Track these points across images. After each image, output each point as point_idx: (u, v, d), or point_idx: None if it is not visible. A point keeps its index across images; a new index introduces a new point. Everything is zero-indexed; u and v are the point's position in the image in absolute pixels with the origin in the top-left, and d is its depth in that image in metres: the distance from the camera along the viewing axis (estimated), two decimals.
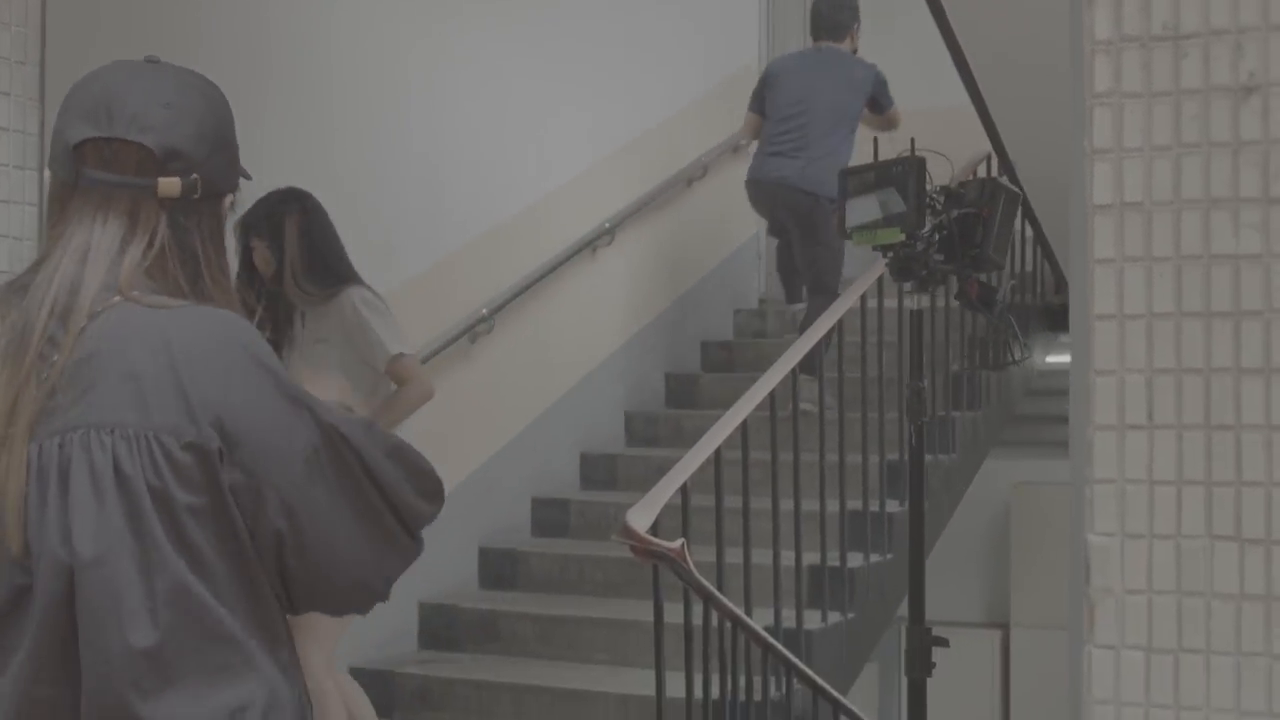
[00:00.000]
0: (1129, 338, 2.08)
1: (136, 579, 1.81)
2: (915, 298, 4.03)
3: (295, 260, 4.70)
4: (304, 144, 5.75)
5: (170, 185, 1.94)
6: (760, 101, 7.26)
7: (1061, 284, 7.22)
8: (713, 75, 8.35)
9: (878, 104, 7.19)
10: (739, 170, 8.46)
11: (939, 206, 4.00)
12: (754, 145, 7.44)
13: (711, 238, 8.36)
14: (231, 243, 4.35)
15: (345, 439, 1.91)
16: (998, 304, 4.15)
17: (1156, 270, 2.07)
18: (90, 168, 1.94)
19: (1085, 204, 2.10)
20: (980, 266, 4.02)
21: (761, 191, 7.13)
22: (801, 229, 6.94)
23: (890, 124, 7.12)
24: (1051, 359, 7.63)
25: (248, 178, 2.09)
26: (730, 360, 8.08)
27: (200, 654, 1.83)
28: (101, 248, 1.91)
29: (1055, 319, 7.11)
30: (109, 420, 1.83)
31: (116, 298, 1.89)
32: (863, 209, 4.05)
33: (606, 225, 7.28)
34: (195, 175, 1.95)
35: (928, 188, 3.96)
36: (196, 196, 1.96)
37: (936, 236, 3.99)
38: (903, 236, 3.93)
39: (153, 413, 1.83)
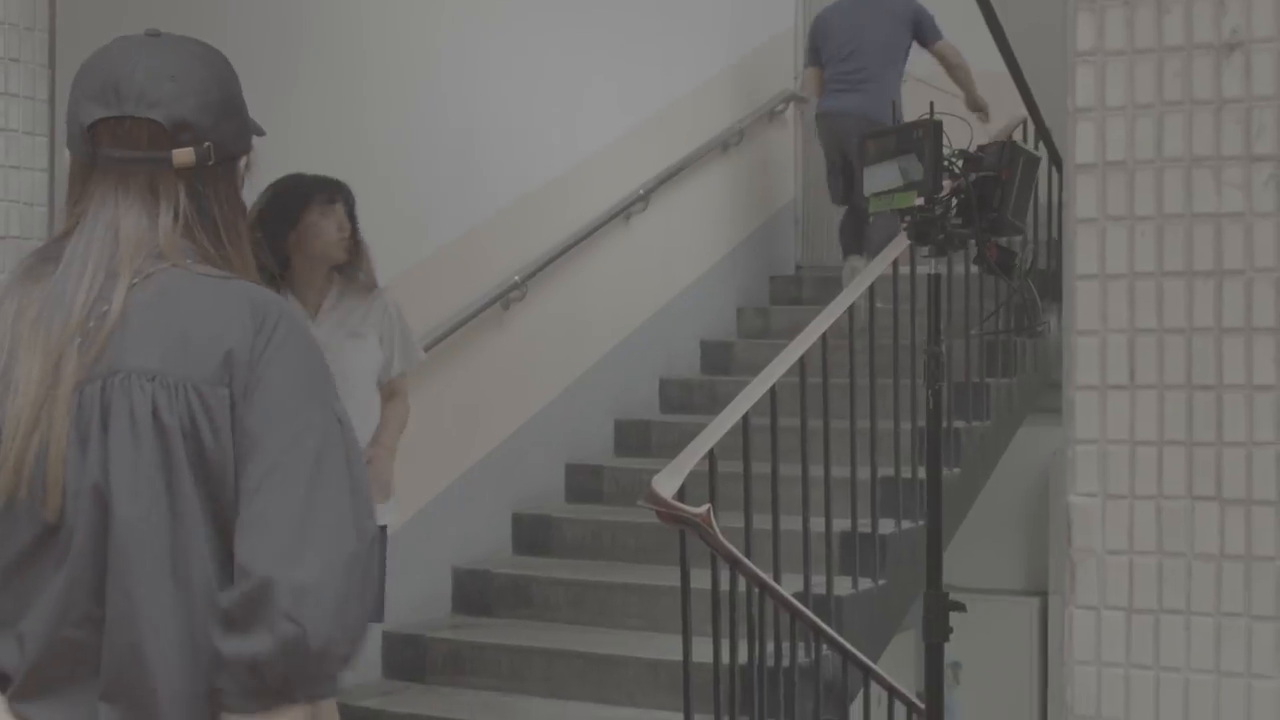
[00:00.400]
0: (1111, 298, 2.07)
1: (163, 528, 1.85)
2: (935, 262, 4.00)
3: (363, 245, 4.68)
4: (336, 114, 5.78)
5: (184, 156, 1.98)
6: (815, 54, 7.50)
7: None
8: (748, 41, 8.32)
9: (924, 35, 7.28)
10: (775, 136, 8.45)
11: (957, 170, 3.98)
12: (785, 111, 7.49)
13: (747, 204, 8.35)
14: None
15: (343, 425, 1.93)
16: (1017, 268, 4.12)
17: (1139, 229, 2.05)
18: (106, 147, 1.99)
19: (1068, 164, 2.09)
20: (999, 230, 3.99)
21: (827, 124, 7.37)
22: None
23: (950, 64, 7.30)
24: None
25: (260, 133, 2.13)
26: (766, 326, 8.08)
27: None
28: (129, 219, 1.97)
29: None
30: (151, 368, 1.88)
31: (164, 264, 1.95)
32: (883, 174, 4.03)
33: (641, 192, 7.28)
34: (207, 143, 1.99)
35: (946, 151, 3.93)
36: (211, 163, 2.00)
37: (954, 201, 3.96)
38: (919, 201, 3.90)
39: (193, 364, 1.88)
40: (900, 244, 5.98)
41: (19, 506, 1.89)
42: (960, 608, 4.04)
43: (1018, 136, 6.61)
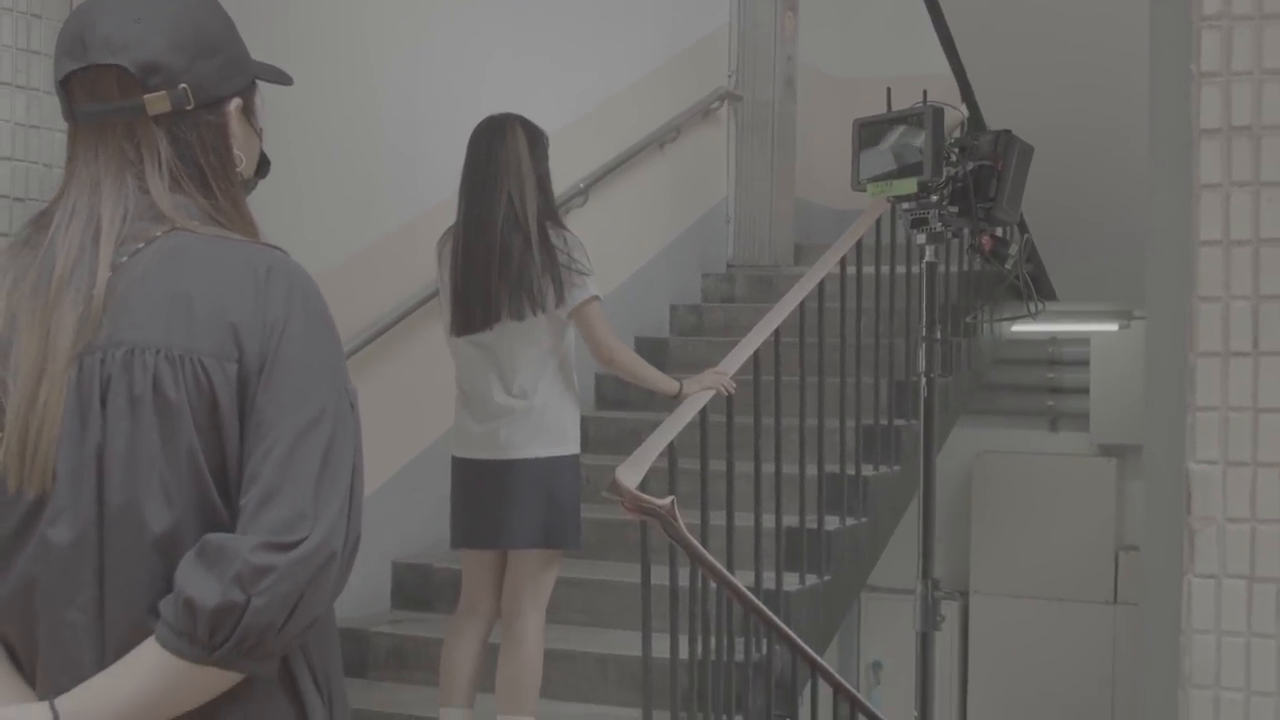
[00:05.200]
0: (1234, 264, 2.06)
1: (156, 514, 1.78)
2: (931, 250, 4.00)
3: None
4: (285, 97, 5.64)
5: (158, 100, 1.89)
6: None
7: (1032, 254, 7.23)
8: (684, 38, 8.31)
9: None
10: (709, 134, 8.48)
11: (953, 158, 3.98)
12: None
13: (681, 201, 8.33)
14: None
15: (353, 407, 1.87)
16: (1011, 258, 4.14)
17: (1264, 195, 2.04)
18: (80, 102, 1.91)
19: (1192, 128, 2.07)
20: (993, 221, 3.99)
21: None
22: None
23: None
24: (1017, 328, 7.67)
25: (283, 81, 2.07)
26: (699, 323, 8.07)
27: None
28: (110, 178, 1.88)
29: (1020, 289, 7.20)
30: (155, 341, 1.80)
31: (165, 226, 1.86)
32: (877, 160, 4.02)
33: (581, 185, 7.22)
34: (182, 85, 1.90)
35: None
36: (191, 107, 1.91)
37: (949, 188, 3.96)
38: (916, 188, 3.90)
39: (199, 336, 1.79)
40: (844, 245, 6.01)
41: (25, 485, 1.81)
42: (954, 597, 4.03)
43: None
